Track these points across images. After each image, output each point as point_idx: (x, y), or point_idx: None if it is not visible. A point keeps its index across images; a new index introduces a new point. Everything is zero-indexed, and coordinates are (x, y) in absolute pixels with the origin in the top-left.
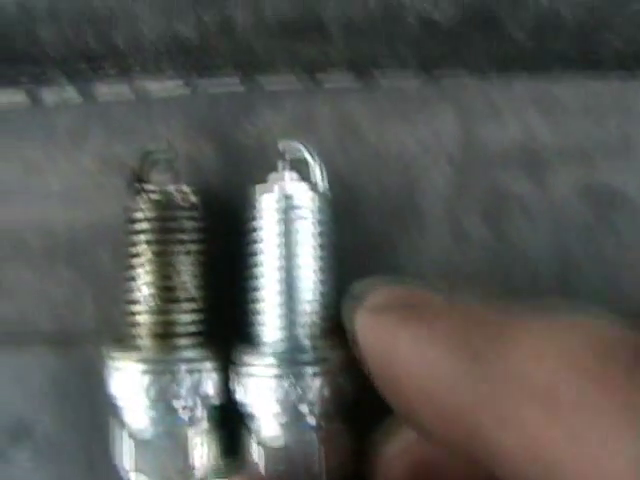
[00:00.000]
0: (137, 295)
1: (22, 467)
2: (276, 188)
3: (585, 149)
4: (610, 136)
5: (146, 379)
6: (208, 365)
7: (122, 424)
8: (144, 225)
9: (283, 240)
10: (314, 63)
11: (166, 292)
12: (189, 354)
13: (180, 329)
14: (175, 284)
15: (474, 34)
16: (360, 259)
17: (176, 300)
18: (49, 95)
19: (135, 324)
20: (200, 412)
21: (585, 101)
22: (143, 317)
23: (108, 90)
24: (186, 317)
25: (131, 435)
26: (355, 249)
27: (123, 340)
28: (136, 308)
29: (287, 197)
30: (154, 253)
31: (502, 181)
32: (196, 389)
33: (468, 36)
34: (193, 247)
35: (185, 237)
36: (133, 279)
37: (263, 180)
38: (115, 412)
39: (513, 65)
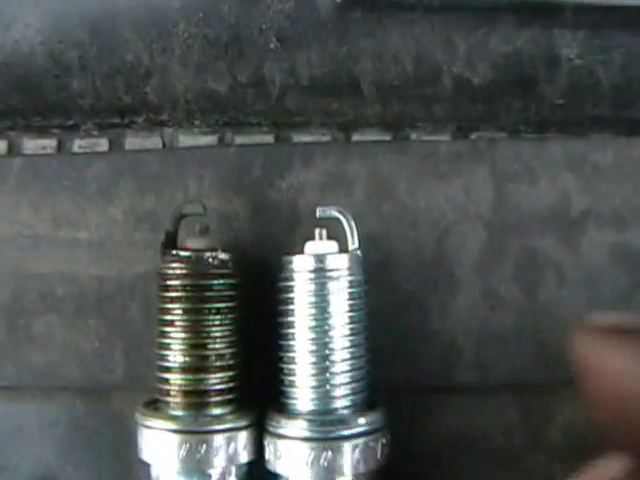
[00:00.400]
0: (170, 359)
1: None
2: (308, 249)
3: (619, 213)
4: None
5: (178, 444)
6: (241, 428)
7: (147, 476)
8: (178, 289)
9: (316, 301)
10: (348, 121)
11: (199, 356)
12: (222, 419)
13: (213, 393)
14: (208, 348)
15: (509, 95)
16: (390, 319)
17: (209, 364)
18: (79, 145)
19: (167, 388)
20: (232, 472)
21: (619, 164)
22: (175, 381)
23: (139, 141)
24: (219, 381)
25: None
26: (385, 309)
27: (155, 402)
28: (169, 372)
29: (320, 259)
30: (187, 317)
31: (535, 244)
32: (228, 453)
33: (503, 97)
34: (226, 309)
35: (218, 300)
36: (165, 343)
37: (294, 238)
38: (144, 469)
39: (547, 127)
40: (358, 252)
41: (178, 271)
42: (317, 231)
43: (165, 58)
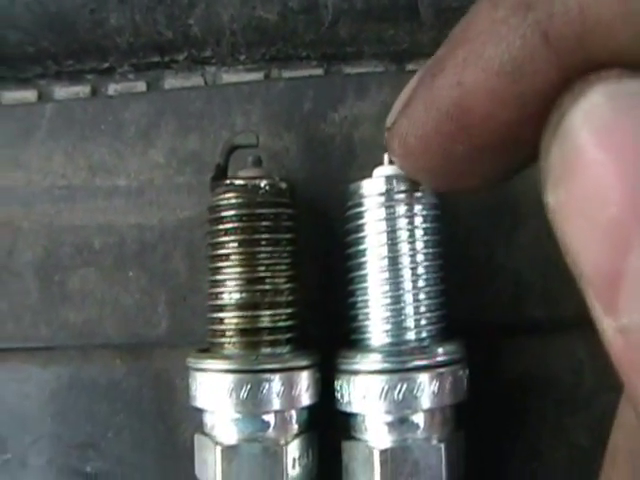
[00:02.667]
0: (225, 297)
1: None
2: (377, 173)
3: None
4: None
5: (235, 385)
6: (301, 368)
7: (205, 432)
8: (232, 220)
9: (388, 226)
10: (401, 51)
11: (256, 291)
12: (281, 358)
13: (271, 331)
14: (266, 282)
15: None
16: (454, 256)
17: (267, 300)
18: (115, 89)
19: (222, 328)
20: (291, 416)
21: None
22: (231, 319)
23: (179, 82)
24: (277, 318)
25: (216, 442)
26: (448, 245)
27: (206, 350)
28: (223, 311)
29: (390, 180)
30: (243, 249)
31: None
32: (288, 394)
33: None
34: (284, 241)
35: (276, 230)
36: (220, 280)
37: (349, 173)
38: (199, 421)
39: None
40: None
41: (233, 200)
42: (386, 155)
43: None
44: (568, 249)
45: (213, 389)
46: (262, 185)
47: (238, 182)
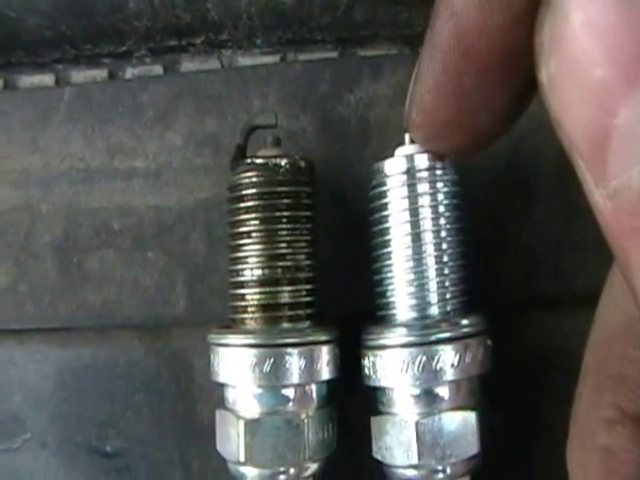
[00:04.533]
0: (246, 273)
1: (108, 463)
2: (399, 152)
3: None
4: None
5: (257, 359)
6: (321, 342)
7: (228, 407)
8: (254, 197)
9: (410, 204)
10: (415, 35)
11: (277, 267)
12: (302, 332)
13: (291, 306)
14: (287, 258)
15: None
16: (468, 231)
17: (288, 276)
18: (132, 73)
19: (243, 304)
20: (312, 390)
21: None
22: (253, 295)
23: (195, 66)
24: (298, 294)
25: (239, 417)
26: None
27: (228, 327)
28: (245, 287)
29: (412, 159)
30: (264, 226)
31: None
32: (307, 367)
33: None
34: (304, 218)
35: (296, 208)
36: (241, 257)
37: (365, 153)
38: (220, 397)
39: None
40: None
41: (254, 179)
42: (407, 135)
43: None
44: (559, 121)
45: (235, 364)
46: (282, 164)
47: (259, 161)
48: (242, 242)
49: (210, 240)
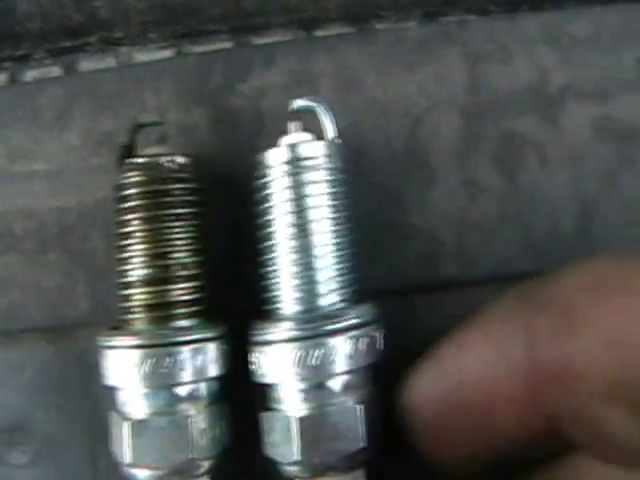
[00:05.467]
0: (131, 273)
1: (20, 465)
2: (283, 141)
3: (601, 85)
4: (625, 68)
5: (143, 360)
6: (209, 339)
7: (117, 408)
8: (134, 197)
9: (294, 194)
10: (309, 18)
11: (161, 267)
12: (188, 330)
13: (178, 305)
14: (170, 257)
15: None
16: (365, 217)
17: (172, 274)
18: (32, 74)
19: (130, 305)
20: (200, 388)
21: (598, 34)
22: (138, 295)
23: (93, 65)
24: (184, 292)
25: (126, 418)
26: (359, 206)
27: (118, 325)
28: (130, 288)
29: (294, 148)
30: (147, 226)
31: (513, 126)
32: (196, 366)
33: None
34: (187, 215)
35: (178, 205)
36: (125, 257)
37: (259, 143)
38: (111, 397)
39: (519, 3)
40: (336, 139)
41: (133, 179)
42: (291, 124)
43: None
44: None
45: (122, 365)
46: (160, 162)
47: (138, 160)
48: (126, 242)
49: (109, 239)
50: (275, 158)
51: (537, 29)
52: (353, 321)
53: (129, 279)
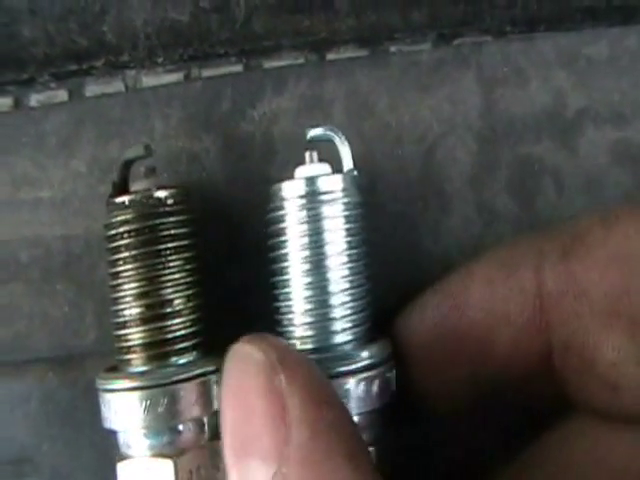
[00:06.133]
0: (125, 313)
1: None
2: (299, 173)
3: (618, 109)
4: None
5: (141, 402)
6: (210, 372)
7: (120, 451)
8: (123, 237)
9: (310, 229)
10: (321, 41)
11: (154, 304)
12: (188, 366)
13: (175, 340)
14: (161, 293)
15: None
16: (380, 244)
17: (166, 310)
18: (36, 98)
19: (126, 345)
20: (204, 426)
21: (615, 56)
22: (134, 335)
23: (100, 88)
24: (180, 327)
25: (122, 457)
26: (374, 233)
27: (116, 365)
28: (125, 327)
29: (311, 181)
30: (136, 263)
31: (530, 151)
32: (199, 401)
33: None
34: (177, 249)
35: (167, 240)
36: (118, 297)
37: (270, 170)
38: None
39: (536, 24)
40: (354, 172)
41: (119, 218)
42: (307, 154)
43: None
44: None
45: (121, 409)
46: (145, 197)
47: (122, 199)
48: (117, 282)
49: None
50: (291, 191)
51: (553, 51)
52: (365, 362)
53: (123, 319)
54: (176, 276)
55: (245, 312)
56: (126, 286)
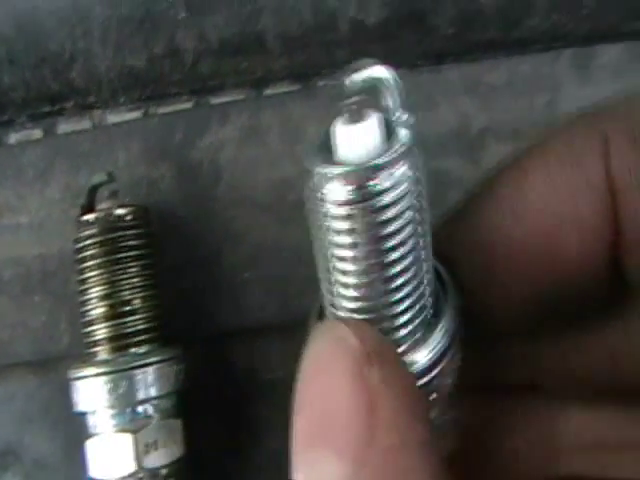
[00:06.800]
0: (91, 312)
1: None
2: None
3: (516, 126)
4: (536, 111)
5: (101, 385)
6: (161, 361)
7: (88, 432)
8: (88, 248)
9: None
10: (259, 79)
11: (115, 303)
12: (144, 355)
13: (133, 334)
14: (121, 294)
15: (403, 32)
16: (305, 255)
17: (125, 309)
18: (15, 137)
19: (92, 340)
20: (155, 406)
21: (512, 82)
22: (98, 330)
23: (70, 126)
24: (135, 321)
25: (88, 437)
26: (303, 245)
27: (86, 359)
28: (91, 325)
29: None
30: (100, 270)
31: (440, 165)
32: (148, 385)
33: (397, 34)
34: (136, 257)
35: (127, 249)
36: (85, 299)
37: (216, 190)
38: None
39: (444, 57)
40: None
41: (86, 232)
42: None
43: (86, 42)
44: None
45: (88, 392)
46: (108, 215)
47: (88, 217)
48: (84, 287)
49: None
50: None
51: (458, 79)
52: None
53: (89, 318)
54: (134, 280)
55: (197, 311)
56: (92, 290)
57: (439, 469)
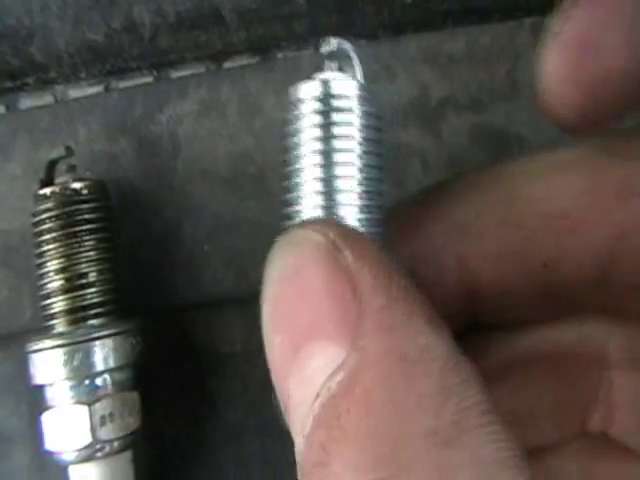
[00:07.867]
0: (48, 285)
1: None
2: (316, 77)
3: (476, 97)
4: (497, 81)
5: (62, 356)
6: (118, 334)
7: (46, 404)
8: (45, 222)
9: (322, 134)
10: (218, 52)
11: (71, 277)
12: (100, 328)
13: (90, 307)
14: (78, 267)
15: (361, 2)
16: (263, 227)
17: (81, 281)
18: None
19: (49, 312)
20: (110, 377)
21: (472, 52)
22: (55, 303)
23: (32, 102)
24: (91, 294)
25: (45, 409)
26: (261, 218)
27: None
28: (48, 298)
29: (327, 84)
30: (57, 243)
31: (399, 136)
32: (102, 357)
33: (356, 4)
34: (93, 230)
35: (83, 223)
36: (42, 273)
37: (175, 164)
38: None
39: (403, 27)
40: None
41: (43, 206)
42: (327, 63)
43: (44, 17)
44: None
45: (45, 364)
46: (64, 189)
47: (45, 191)
48: (41, 260)
49: None
50: (307, 92)
51: (418, 50)
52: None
53: (46, 291)
54: (91, 253)
55: (154, 284)
56: (48, 263)
57: (435, 314)
